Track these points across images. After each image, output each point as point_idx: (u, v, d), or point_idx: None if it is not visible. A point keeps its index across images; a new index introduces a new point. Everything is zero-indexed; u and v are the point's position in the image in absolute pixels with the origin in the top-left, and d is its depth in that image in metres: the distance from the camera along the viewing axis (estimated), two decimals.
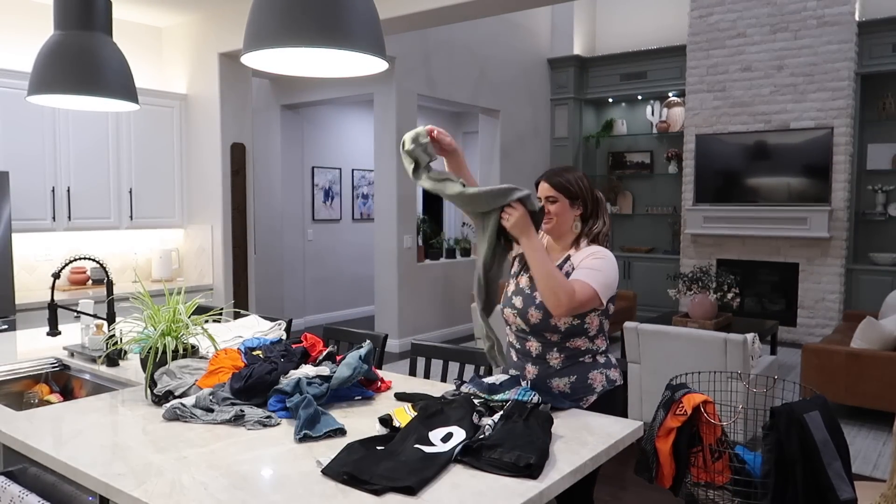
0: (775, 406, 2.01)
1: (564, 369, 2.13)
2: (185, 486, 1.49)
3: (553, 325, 2.09)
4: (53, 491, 1.76)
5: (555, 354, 2.14)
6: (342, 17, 1.70)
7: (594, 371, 2.14)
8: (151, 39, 5.70)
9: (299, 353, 2.28)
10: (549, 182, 2.19)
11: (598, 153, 9.21)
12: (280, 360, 2.17)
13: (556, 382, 2.13)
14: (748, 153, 7.55)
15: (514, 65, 8.28)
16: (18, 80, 4.49)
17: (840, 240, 7.13)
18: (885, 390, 4.32)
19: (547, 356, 2.14)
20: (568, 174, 2.20)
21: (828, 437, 1.96)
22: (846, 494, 1.90)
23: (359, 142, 8.79)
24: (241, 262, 5.60)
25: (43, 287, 4.91)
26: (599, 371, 2.15)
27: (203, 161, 5.52)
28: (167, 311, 2.23)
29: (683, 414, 2.02)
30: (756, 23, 7.40)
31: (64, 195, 4.83)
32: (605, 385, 2.15)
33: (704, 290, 5.49)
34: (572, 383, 2.12)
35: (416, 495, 1.43)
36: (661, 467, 2.06)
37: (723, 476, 2.06)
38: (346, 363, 2.12)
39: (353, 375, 2.09)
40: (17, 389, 2.62)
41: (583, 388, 2.12)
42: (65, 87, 2.43)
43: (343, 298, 8.69)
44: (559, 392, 2.12)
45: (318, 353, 2.33)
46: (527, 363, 2.18)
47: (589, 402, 2.12)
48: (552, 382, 2.13)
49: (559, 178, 2.18)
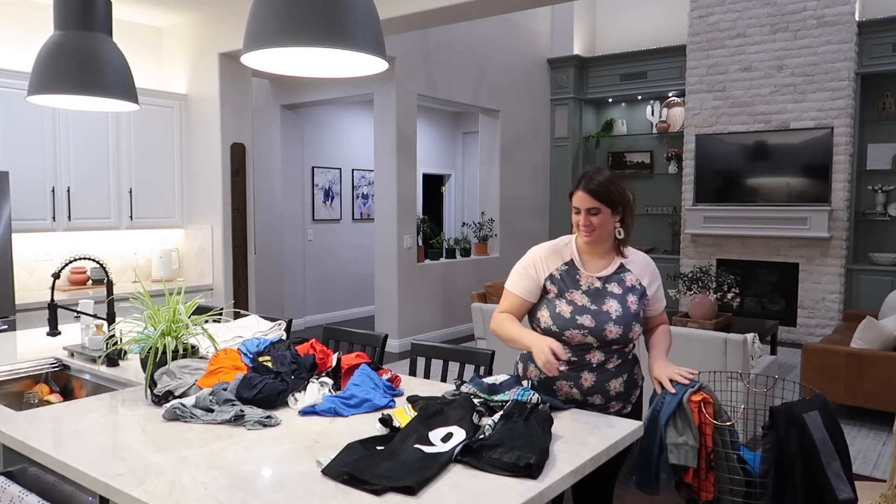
0: (775, 406, 2.01)
1: (619, 370, 2.14)
2: (185, 486, 1.49)
3: (630, 337, 2.11)
4: (53, 491, 1.76)
5: (614, 360, 2.13)
6: (342, 17, 1.70)
7: (636, 366, 2.21)
8: (151, 39, 5.70)
9: (309, 364, 2.24)
10: (589, 192, 2.05)
11: (597, 153, 9.22)
12: (290, 378, 2.13)
13: (613, 385, 2.12)
14: (748, 153, 7.55)
15: (514, 65, 8.28)
16: (18, 80, 4.48)
17: (840, 240, 7.13)
18: (885, 390, 4.32)
19: (607, 363, 2.13)
20: (607, 181, 2.06)
21: (827, 437, 1.96)
22: (845, 495, 1.90)
23: (359, 142, 8.79)
24: (241, 262, 5.60)
25: (43, 287, 4.91)
26: (637, 366, 2.23)
27: (203, 161, 5.52)
28: (167, 311, 2.22)
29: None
30: (756, 23, 7.40)
31: (64, 195, 4.83)
32: (641, 378, 2.24)
33: (704, 290, 5.49)
34: (625, 381, 2.15)
35: (416, 495, 1.43)
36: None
37: (709, 494, 2.05)
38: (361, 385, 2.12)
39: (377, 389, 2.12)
40: (17, 389, 2.62)
41: (632, 383, 2.17)
42: (65, 87, 2.43)
43: (343, 298, 8.69)
44: (615, 393, 2.13)
45: (326, 367, 2.28)
46: (583, 372, 2.11)
47: (636, 397, 2.20)
48: (610, 385, 2.12)
49: (601, 188, 2.04)
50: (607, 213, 2.08)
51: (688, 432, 2.06)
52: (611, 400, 2.13)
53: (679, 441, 2.07)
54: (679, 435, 2.07)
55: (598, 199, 2.05)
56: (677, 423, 2.09)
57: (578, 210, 2.08)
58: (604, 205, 2.06)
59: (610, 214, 2.09)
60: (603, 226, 2.08)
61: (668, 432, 2.08)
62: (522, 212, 8.55)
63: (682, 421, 2.07)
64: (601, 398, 2.11)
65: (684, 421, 2.07)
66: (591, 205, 2.05)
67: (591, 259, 2.15)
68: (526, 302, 2.17)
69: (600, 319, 2.06)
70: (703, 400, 2.04)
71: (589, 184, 2.06)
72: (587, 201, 2.05)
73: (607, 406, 2.13)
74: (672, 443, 2.06)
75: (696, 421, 2.05)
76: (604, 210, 2.06)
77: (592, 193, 2.05)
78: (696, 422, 2.05)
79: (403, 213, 6.75)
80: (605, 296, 2.10)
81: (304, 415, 1.98)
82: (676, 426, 2.08)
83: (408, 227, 6.82)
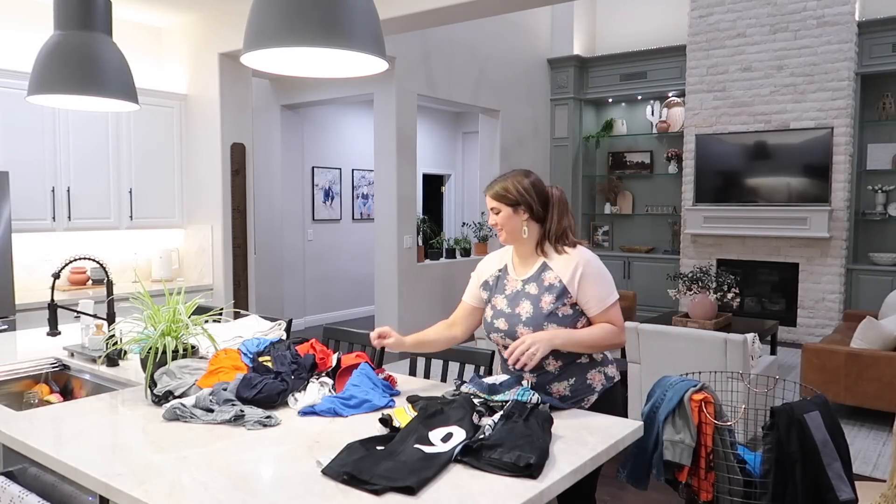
0: (775, 406, 2.01)
1: (563, 373, 2.11)
2: (185, 486, 1.49)
3: None
4: (53, 491, 1.76)
5: (551, 361, 2.11)
6: (342, 17, 1.70)
7: (592, 371, 2.13)
8: (151, 39, 5.70)
9: (309, 364, 2.23)
10: (488, 193, 2.18)
11: (598, 153, 9.21)
12: (290, 378, 2.13)
13: (555, 387, 2.12)
14: (748, 153, 7.55)
15: (514, 65, 8.28)
16: (18, 80, 4.48)
17: (840, 240, 7.13)
18: (885, 390, 4.32)
19: (545, 364, 2.11)
20: (505, 181, 2.15)
21: (828, 437, 1.96)
22: (845, 495, 1.90)
23: (359, 142, 8.79)
24: (240, 262, 5.60)
25: (43, 287, 4.91)
26: (597, 370, 2.14)
27: (203, 161, 5.52)
28: (167, 311, 2.22)
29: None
30: (756, 23, 7.40)
31: (64, 195, 4.83)
32: (605, 383, 2.14)
33: (704, 290, 5.49)
34: (572, 385, 2.11)
35: (416, 495, 1.43)
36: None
37: (708, 494, 2.05)
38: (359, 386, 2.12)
39: (375, 390, 2.12)
40: (17, 389, 2.62)
41: (583, 388, 2.12)
42: (65, 87, 2.43)
43: (343, 298, 8.69)
44: (559, 396, 2.11)
45: (326, 367, 2.28)
46: (523, 372, 2.12)
47: (590, 403, 2.11)
48: (552, 388, 2.12)
49: (496, 188, 2.16)
50: (508, 212, 2.14)
51: (685, 431, 2.06)
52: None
53: (676, 439, 2.07)
54: (677, 433, 2.08)
55: (494, 199, 2.16)
56: (676, 421, 2.09)
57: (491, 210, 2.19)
58: (501, 203, 2.15)
59: (511, 213, 2.14)
60: (505, 224, 2.16)
61: (665, 429, 2.08)
62: None
63: (681, 419, 2.08)
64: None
65: (683, 419, 2.07)
66: (491, 205, 2.17)
67: (520, 262, 2.22)
68: (472, 307, 2.33)
69: (512, 322, 2.13)
70: (704, 399, 2.04)
71: (489, 187, 2.19)
72: (488, 201, 2.18)
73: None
74: (669, 440, 2.07)
75: (696, 420, 2.05)
76: (503, 209, 2.15)
77: (488, 193, 2.18)
78: (696, 421, 2.05)
79: (403, 213, 6.75)
80: (521, 297, 2.15)
81: (303, 415, 1.98)
82: (675, 424, 2.09)
83: (408, 227, 6.82)
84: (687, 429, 2.06)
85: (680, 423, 2.08)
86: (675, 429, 2.07)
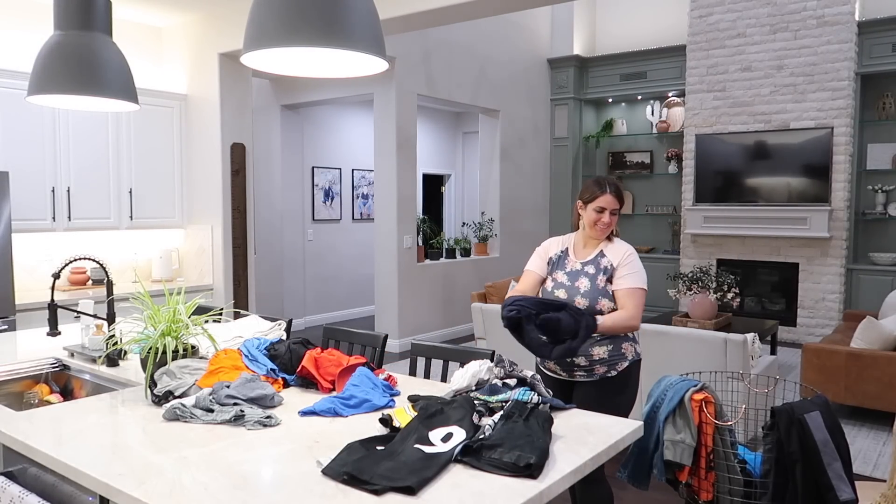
0: (776, 406, 2.01)
1: (605, 339, 2.48)
2: (185, 487, 1.49)
3: (598, 309, 2.48)
4: (53, 491, 1.76)
5: None
6: (342, 17, 1.70)
7: (626, 342, 2.52)
8: (151, 39, 5.70)
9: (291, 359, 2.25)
10: (616, 196, 2.52)
11: (598, 153, 9.21)
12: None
13: (596, 350, 2.47)
14: (748, 153, 7.55)
15: (514, 65, 8.28)
16: (18, 80, 4.48)
17: (840, 239, 7.13)
18: (885, 390, 4.32)
19: None
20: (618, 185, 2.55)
21: (828, 437, 1.96)
22: (846, 495, 1.90)
23: (359, 142, 8.79)
24: (241, 262, 5.60)
25: (43, 287, 4.91)
26: (630, 343, 2.53)
27: (203, 161, 5.52)
28: (167, 311, 2.22)
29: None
30: (756, 23, 7.40)
31: (64, 195, 4.83)
32: (634, 356, 2.53)
33: (704, 290, 5.49)
34: (610, 351, 2.48)
35: (416, 495, 1.43)
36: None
37: (708, 494, 2.05)
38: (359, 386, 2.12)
39: (375, 390, 2.11)
40: (17, 389, 2.62)
41: (618, 355, 2.49)
42: (65, 87, 2.43)
43: (343, 298, 8.69)
44: (598, 358, 2.46)
45: (332, 376, 2.29)
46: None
47: (620, 369, 2.48)
48: (593, 349, 2.46)
49: (618, 192, 2.52)
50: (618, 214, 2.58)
51: (686, 431, 2.06)
52: (595, 364, 2.49)
53: (677, 438, 2.07)
54: (677, 433, 2.08)
55: (620, 202, 2.55)
56: (676, 421, 2.09)
57: (603, 209, 2.51)
58: (620, 207, 2.57)
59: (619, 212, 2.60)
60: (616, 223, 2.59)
61: (666, 429, 2.08)
62: (522, 212, 8.55)
63: (681, 419, 2.08)
64: (585, 360, 2.49)
65: (684, 419, 2.07)
66: (616, 206, 2.53)
67: (582, 249, 2.64)
68: (538, 276, 2.68)
69: (571, 293, 2.54)
70: (704, 399, 2.04)
71: (615, 189, 2.53)
72: (613, 203, 2.52)
73: (592, 368, 2.49)
74: (670, 439, 2.07)
75: (697, 420, 2.05)
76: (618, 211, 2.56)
77: (618, 197, 2.54)
78: (696, 421, 2.05)
79: (403, 213, 6.75)
80: (580, 275, 2.56)
81: (303, 415, 1.98)
82: (675, 424, 2.09)
83: (408, 227, 6.82)
84: (687, 429, 2.06)
85: (680, 422, 2.08)
86: (676, 429, 2.08)
